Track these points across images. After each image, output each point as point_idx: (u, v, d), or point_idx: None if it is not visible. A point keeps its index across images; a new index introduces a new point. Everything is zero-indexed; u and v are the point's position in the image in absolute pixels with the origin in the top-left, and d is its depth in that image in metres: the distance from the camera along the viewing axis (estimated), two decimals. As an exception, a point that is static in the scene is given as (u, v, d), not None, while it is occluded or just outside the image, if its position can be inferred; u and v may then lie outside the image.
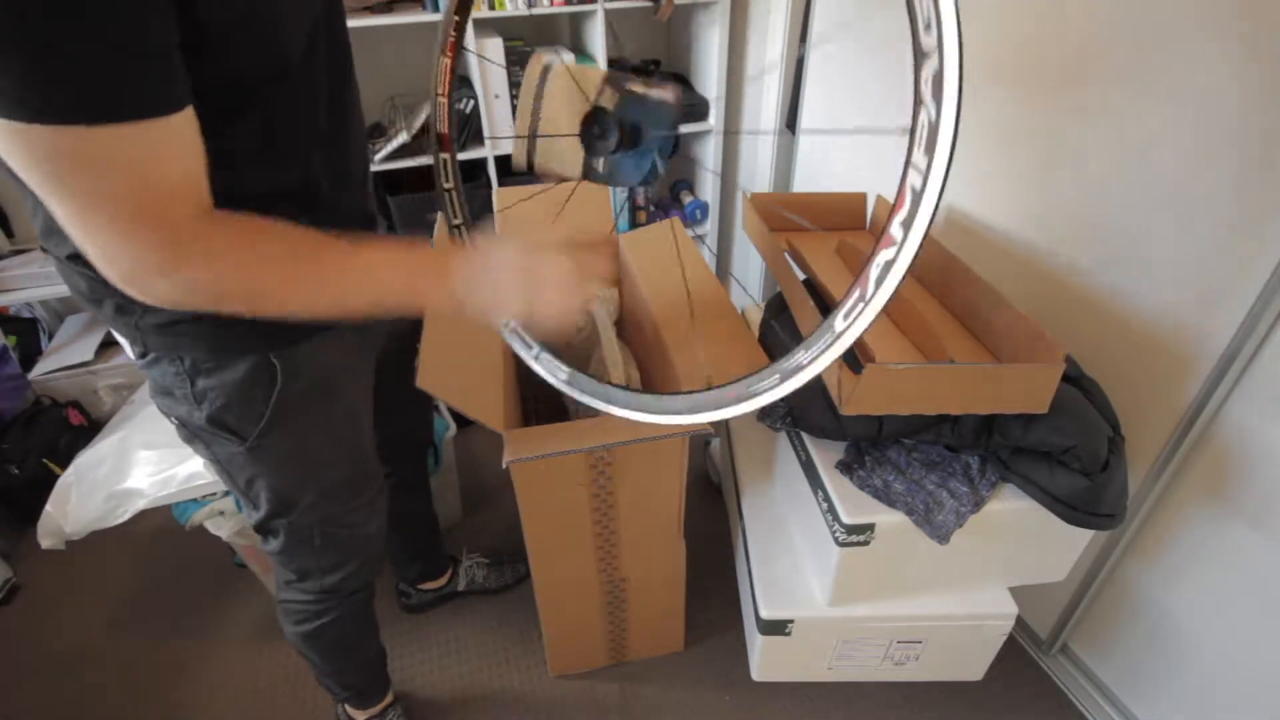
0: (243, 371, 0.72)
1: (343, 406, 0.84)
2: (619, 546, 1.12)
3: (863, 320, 0.48)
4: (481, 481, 1.82)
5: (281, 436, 0.78)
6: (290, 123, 0.65)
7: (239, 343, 0.71)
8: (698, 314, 1.12)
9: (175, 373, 0.72)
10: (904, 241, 0.44)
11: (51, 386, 1.89)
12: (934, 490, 1.00)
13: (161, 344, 0.70)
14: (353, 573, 0.95)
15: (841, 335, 0.49)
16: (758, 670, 1.22)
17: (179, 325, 0.68)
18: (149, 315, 0.68)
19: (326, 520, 0.88)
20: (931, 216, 0.43)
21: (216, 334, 0.69)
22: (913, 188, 0.43)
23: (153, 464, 1.28)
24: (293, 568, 0.93)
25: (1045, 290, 1.14)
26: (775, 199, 1.40)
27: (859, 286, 0.48)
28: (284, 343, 0.73)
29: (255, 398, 0.74)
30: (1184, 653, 1.08)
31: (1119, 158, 0.99)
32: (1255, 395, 0.90)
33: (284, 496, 0.83)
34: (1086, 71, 1.01)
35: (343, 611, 0.99)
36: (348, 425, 0.86)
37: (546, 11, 1.76)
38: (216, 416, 0.74)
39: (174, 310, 0.67)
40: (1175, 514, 1.04)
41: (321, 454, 0.83)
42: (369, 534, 0.94)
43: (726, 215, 2.32)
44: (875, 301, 0.47)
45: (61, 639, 1.46)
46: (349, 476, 0.88)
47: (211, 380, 0.72)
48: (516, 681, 1.34)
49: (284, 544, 0.89)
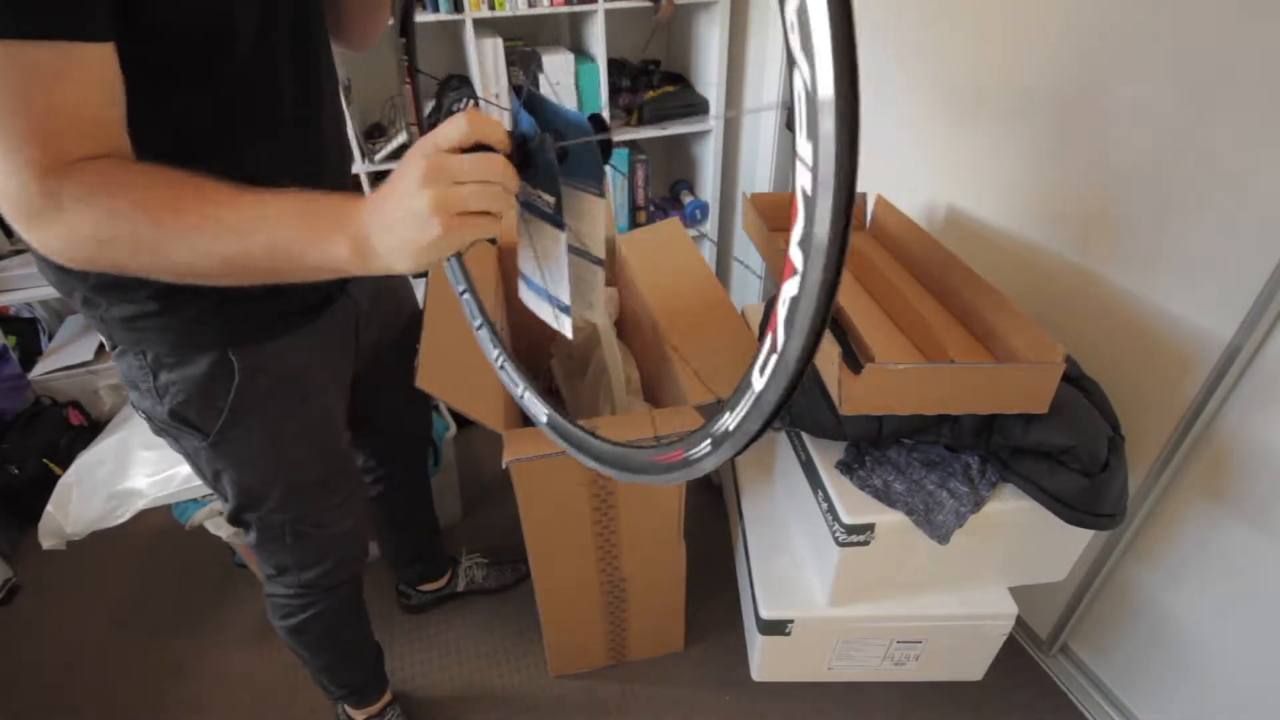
0: (203, 367, 0.72)
1: (312, 406, 0.83)
2: (619, 547, 1.12)
3: (779, 376, 0.35)
4: (481, 481, 1.82)
5: (244, 433, 0.78)
6: (247, 107, 0.64)
7: (199, 338, 0.71)
8: (697, 314, 1.12)
9: (139, 366, 0.72)
10: (806, 268, 0.30)
11: (51, 386, 1.89)
12: (934, 490, 1.00)
13: (125, 337, 0.71)
14: (331, 569, 0.95)
15: (761, 395, 0.37)
16: (758, 670, 1.22)
17: (141, 319, 0.68)
18: (113, 308, 0.68)
19: (299, 519, 0.88)
20: (841, 231, 0.28)
21: (178, 329, 0.70)
22: (803, 191, 0.29)
23: (153, 464, 1.29)
24: (271, 563, 0.93)
25: (1045, 290, 1.14)
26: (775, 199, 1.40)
27: (769, 332, 0.35)
28: (244, 340, 0.73)
29: (215, 393, 0.74)
30: (1184, 653, 1.08)
31: (1119, 157, 0.99)
32: (1255, 395, 0.90)
33: (250, 492, 0.83)
34: (1086, 70, 1.01)
35: (326, 606, 0.98)
36: (318, 425, 0.85)
37: (546, 11, 1.76)
38: (178, 411, 0.74)
39: (137, 304, 0.67)
40: (1175, 514, 1.04)
41: (288, 452, 0.83)
42: (343, 533, 0.94)
43: (726, 215, 2.32)
44: (789, 351, 0.33)
45: (61, 639, 1.46)
46: (319, 476, 0.87)
47: (173, 375, 0.72)
48: (516, 681, 1.34)
49: (257, 539, 0.89)
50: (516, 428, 0.95)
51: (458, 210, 0.47)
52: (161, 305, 0.68)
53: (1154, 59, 0.91)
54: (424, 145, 0.48)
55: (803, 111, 0.28)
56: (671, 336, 1.08)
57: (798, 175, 0.29)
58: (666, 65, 2.22)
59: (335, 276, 0.53)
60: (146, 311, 0.68)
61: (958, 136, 1.23)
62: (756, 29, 1.90)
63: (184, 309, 0.69)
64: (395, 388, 1.04)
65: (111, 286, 0.67)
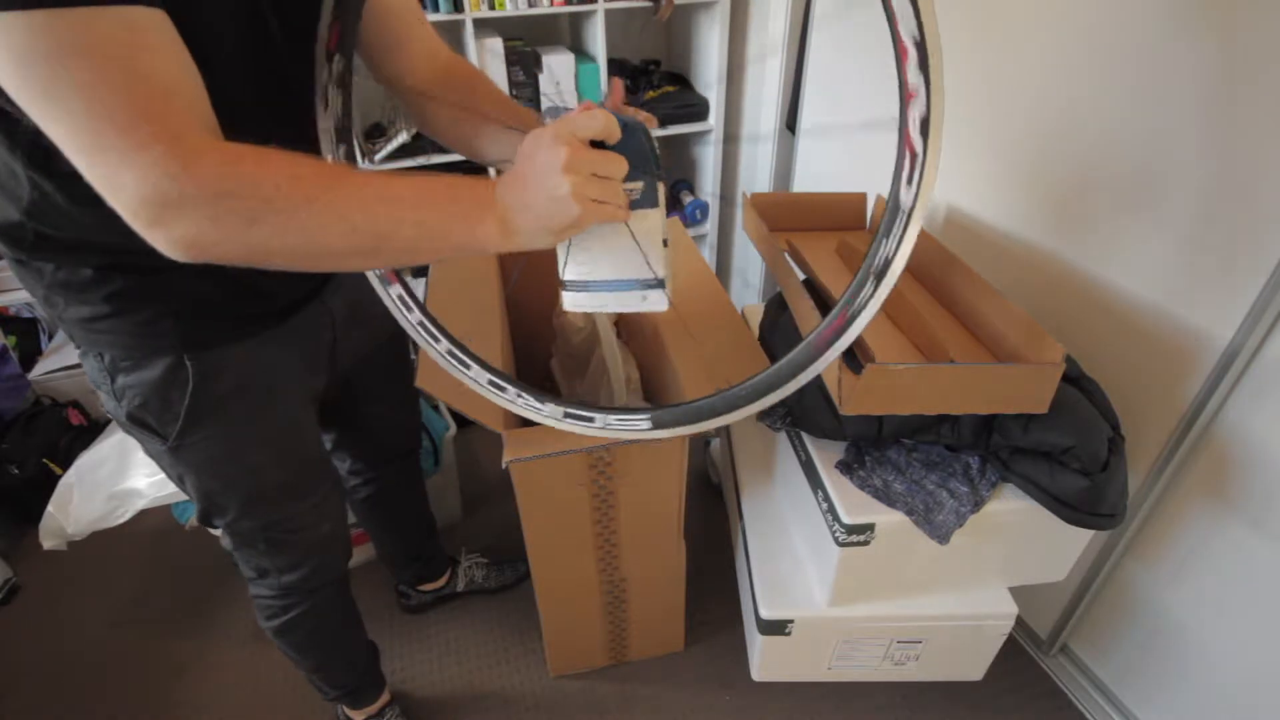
0: (159, 371, 0.71)
1: (274, 412, 0.82)
2: (619, 546, 1.12)
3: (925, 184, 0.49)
4: (481, 481, 1.82)
5: (202, 438, 0.77)
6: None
7: (154, 341, 0.70)
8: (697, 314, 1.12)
9: (99, 368, 0.72)
10: (928, 89, 0.47)
11: (51, 386, 1.89)
12: (934, 490, 0.99)
13: (84, 338, 0.70)
14: (311, 572, 0.94)
15: (912, 210, 0.51)
16: (758, 670, 1.22)
17: (98, 322, 0.68)
18: (70, 309, 0.67)
19: (268, 525, 0.87)
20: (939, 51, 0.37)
21: (132, 332, 0.69)
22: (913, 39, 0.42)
23: (152, 464, 1.28)
24: (250, 565, 0.93)
25: (1045, 290, 1.14)
26: (775, 199, 1.40)
27: (906, 149, 0.51)
28: (200, 344, 0.72)
29: (171, 398, 0.73)
30: (1184, 653, 1.08)
31: (1119, 157, 0.99)
32: (1255, 395, 0.90)
33: (212, 497, 0.82)
34: (1086, 69, 1.01)
35: (309, 607, 0.98)
36: (281, 431, 0.84)
37: (546, 11, 1.76)
38: (135, 415, 0.74)
39: (92, 305, 0.66)
40: (1175, 514, 1.04)
41: (249, 458, 0.81)
42: (319, 537, 0.93)
43: (726, 215, 2.32)
44: (929, 158, 0.48)
45: (61, 639, 1.46)
46: (284, 481, 0.86)
47: (130, 379, 0.72)
48: (516, 681, 1.34)
49: (232, 544, 0.89)
50: (516, 428, 0.95)
51: (593, 197, 0.53)
52: (115, 307, 0.67)
53: (1155, 59, 0.91)
54: (563, 134, 0.52)
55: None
56: (671, 336, 1.08)
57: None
58: (666, 65, 2.22)
59: (474, 254, 0.56)
60: (101, 314, 0.67)
61: (958, 137, 1.23)
62: (756, 29, 1.90)
63: (138, 311, 0.68)
64: (384, 391, 1.04)
65: (66, 286, 0.66)
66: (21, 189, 0.59)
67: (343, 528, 0.99)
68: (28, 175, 0.58)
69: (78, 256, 0.64)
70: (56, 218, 0.61)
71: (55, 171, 0.57)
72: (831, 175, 1.72)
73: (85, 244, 0.63)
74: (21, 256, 0.65)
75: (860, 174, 1.59)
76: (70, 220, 0.61)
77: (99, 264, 0.65)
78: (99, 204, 0.49)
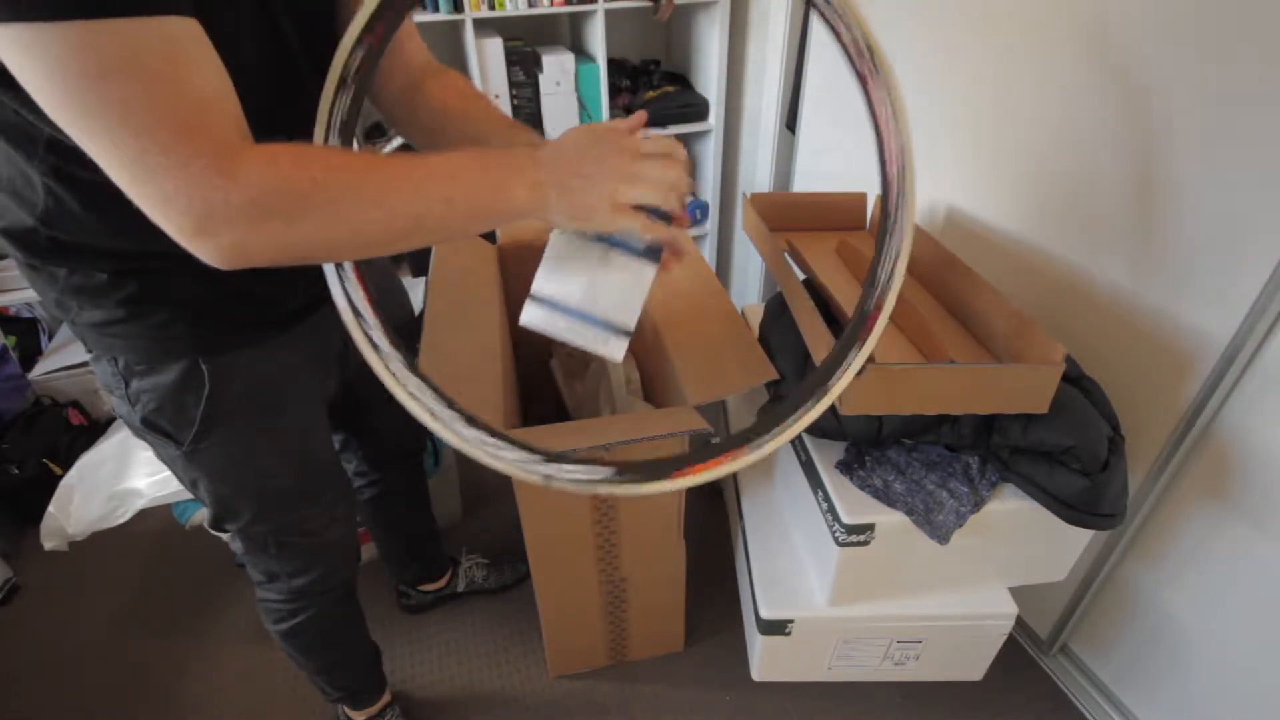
0: (174, 376, 0.71)
1: (289, 416, 0.82)
2: (619, 547, 1.12)
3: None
4: (481, 481, 1.82)
5: (217, 443, 0.76)
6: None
7: (169, 346, 0.70)
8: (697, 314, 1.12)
9: (112, 372, 0.72)
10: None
11: (51, 386, 1.89)
12: (934, 490, 1.00)
13: (98, 343, 0.70)
14: (320, 576, 0.94)
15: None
16: (758, 670, 1.22)
17: (112, 326, 0.67)
18: (84, 313, 0.67)
19: (280, 529, 0.87)
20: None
21: (147, 336, 0.68)
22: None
23: (153, 464, 1.29)
24: (259, 569, 0.93)
25: (1045, 290, 1.14)
26: (775, 199, 1.40)
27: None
28: (215, 349, 0.72)
29: (187, 403, 0.73)
30: (1184, 653, 1.08)
31: (1119, 156, 0.99)
32: (1255, 395, 0.90)
33: (225, 501, 0.82)
34: (1087, 69, 1.01)
35: (317, 610, 0.98)
36: (295, 435, 0.84)
37: (546, 11, 1.76)
38: (150, 419, 0.74)
39: (105, 310, 0.66)
40: (1175, 514, 1.04)
41: (263, 462, 0.82)
42: (329, 541, 0.93)
43: (726, 215, 2.32)
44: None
45: (61, 639, 1.46)
46: (297, 486, 0.86)
47: (145, 383, 0.71)
48: (516, 682, 1.34)
49: (243, 548, 0.89)
50: (516, 428, 0.94)
51: (627, 203, 0.57)
52: (129, 311, 0.67)
53: (1155, 59, 0.91)
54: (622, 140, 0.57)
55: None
56: (671, 336, 1.08)
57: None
58: (666, 65, 2.22)
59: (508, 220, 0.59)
60: (115, 318, 0.67)
61: (958, 137, 1.23)
62: (756, 29, 1.90)
63: (152, 315, 0.68)
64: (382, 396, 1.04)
65: (79, 290, 0.66)
66: (36, 195, 0.59)
67: (352, 532, 0.99)
68: (43, 182, 0.58)
69: (91, 261, 0.64)
70: (71, 223, 0.61)
71: (71, 178, 0.57)
72: (831, 175, 1.72)
73: (99, 249, 0.63)
74: (35, 262, 0.65)
75: (860, 174, 1.59)
76: (84, 226, 0.61)
77: (113, 269, 0.65)
78: (114, 209, 0.49)
